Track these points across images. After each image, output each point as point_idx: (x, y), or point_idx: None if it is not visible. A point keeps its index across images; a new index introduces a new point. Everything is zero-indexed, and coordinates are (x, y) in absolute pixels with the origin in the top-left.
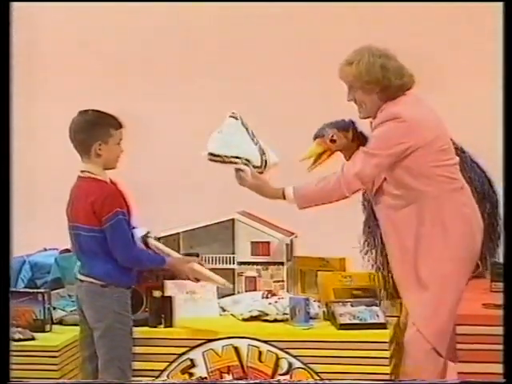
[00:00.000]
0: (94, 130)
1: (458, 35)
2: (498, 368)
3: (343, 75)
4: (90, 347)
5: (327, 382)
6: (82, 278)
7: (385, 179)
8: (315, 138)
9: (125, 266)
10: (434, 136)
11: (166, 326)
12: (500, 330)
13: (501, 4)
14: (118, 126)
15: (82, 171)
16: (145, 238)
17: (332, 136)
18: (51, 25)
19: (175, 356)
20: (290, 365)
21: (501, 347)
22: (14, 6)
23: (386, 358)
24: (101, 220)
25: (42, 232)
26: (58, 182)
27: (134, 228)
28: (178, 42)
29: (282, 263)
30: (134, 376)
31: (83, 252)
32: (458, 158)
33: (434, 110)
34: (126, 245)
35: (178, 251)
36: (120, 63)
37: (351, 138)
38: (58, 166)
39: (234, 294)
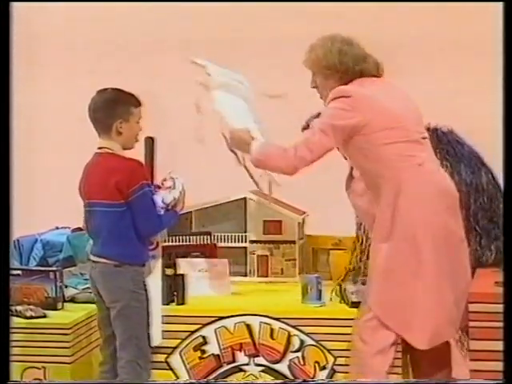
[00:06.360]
0: (115, 108)
1: (458, 35)
2: None
3: (305, 61)
4: (109, 327)
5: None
6: (95, 258)
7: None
8: (303, 129)
9: (139, 243)
10: (383, 114)
11: (178, 304)
12: None
13: (501, 4)
14: (138, 103)
15: (100, 147)
16: None
17: None
18: (51, 24)
19: (187, 333)
20: (302, 342)
21: None
22: (14, 6)
23: None
24: (126, 194)
25: (43, 212)
26: (61, 161)
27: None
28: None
29: (293, 242)
30: None
31: (96, 231)
32: (421, 135)
33: (399, 94)
34: (150, 217)
35: (190, 230)
36: (121, 59)
37: None
38: (60, 144)
39: (246, 274)
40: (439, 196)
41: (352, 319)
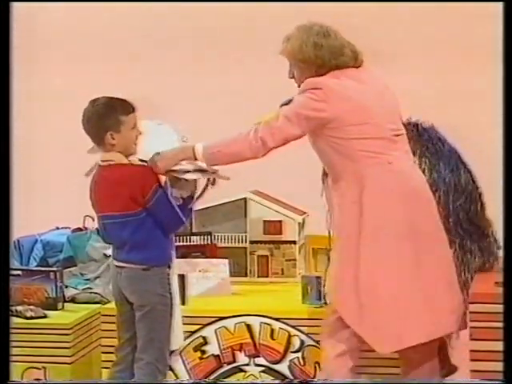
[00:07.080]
0: (103, 120)
1: (458, 35)
2: None
3: (282, 52)
4: (130, 329)
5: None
6: (120, 264)
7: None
8: (281, 106)
9: (163, 244)
10: (354, 108)
11: None
12: None
13: (501, 4)
14: (129, 110)
15: (103, 160)
16: None
17: None
18: (51, 24)
19: (188, 333)
20: (302, 342)
21: None
22: (14, 5)
23: None
24: (142, 202)
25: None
26: (61, 161)
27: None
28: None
29: (294, 242)
30: None
31: (117, 240)
32: (394, 133)
33: (375, 88)
34: (172, 214)
35: (191, 230)
36: (121, 58)
37: None
38: (60, 144)
39: (246, 274)
40: (406, 196)
41: None
